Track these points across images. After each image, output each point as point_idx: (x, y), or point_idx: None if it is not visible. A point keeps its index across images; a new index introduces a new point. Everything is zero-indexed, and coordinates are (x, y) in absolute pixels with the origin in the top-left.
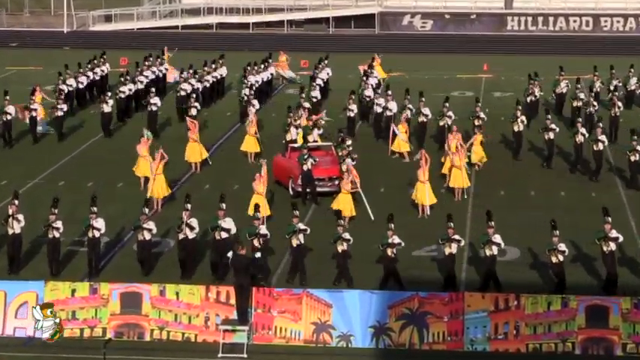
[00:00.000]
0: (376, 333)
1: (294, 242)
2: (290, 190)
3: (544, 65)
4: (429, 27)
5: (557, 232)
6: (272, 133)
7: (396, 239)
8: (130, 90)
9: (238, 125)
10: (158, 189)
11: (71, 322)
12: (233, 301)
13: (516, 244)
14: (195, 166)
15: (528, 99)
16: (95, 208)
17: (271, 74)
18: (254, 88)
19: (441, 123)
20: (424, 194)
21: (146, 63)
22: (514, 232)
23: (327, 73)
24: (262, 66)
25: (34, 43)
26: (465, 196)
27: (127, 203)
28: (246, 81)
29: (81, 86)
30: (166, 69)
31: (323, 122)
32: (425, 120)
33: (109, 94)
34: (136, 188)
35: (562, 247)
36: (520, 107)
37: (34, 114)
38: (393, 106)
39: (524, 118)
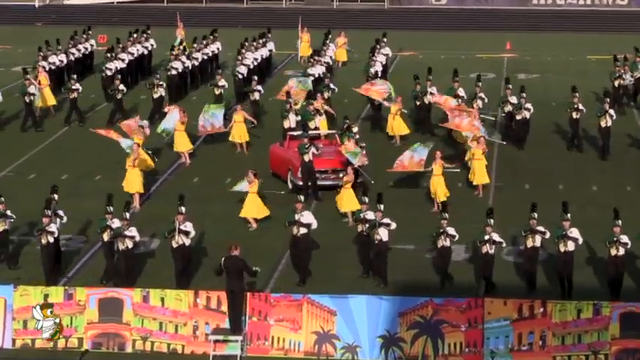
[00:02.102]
0: (385, 344)
1: (376, 238)
2: (289, 183)
3: (574, 44)
4: (445, 1)
5: (620, 221)
6: (268, 120)
7: (496, 237)
8: (117, 68)
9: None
10: (131, 182)
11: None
12: (225, 307)
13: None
14: (184, 156)
15: (616, 83)
16: (111, 208)
17: (270, 50)
18: (252, 66)
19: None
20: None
21: (130, 39)
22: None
23: (332, 49)
24: (261, 41)
25: (2, 20)
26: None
27: (104, 198)
28: (239, 57)
29: (60, 65)
30: (152, 45)
31: (326, 107)
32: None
33: (158, 75)
34: (117, 182)
35: (624, 238)
36: (608, 100)
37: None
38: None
39: (612, 112)
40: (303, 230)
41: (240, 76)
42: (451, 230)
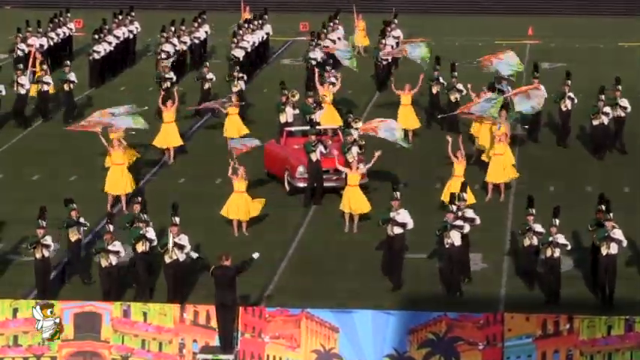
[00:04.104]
0: None
1: (447, 242)
2: (286, 185)
3: (604, 29)
4: None
5: None
6: (263, 114)
7: (561, 239)
8: (105, 50)
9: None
10: (116, 183)
11: (12, 349)
12: (214, 323)
13: (568, 252)
14: (169, 154)
15: None
16: (146, 216)
17: (267, 33)
18: (249, 49)
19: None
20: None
21: (115, 20)
22: (565, 237)
23: (339, 37)
24: (257, 23)
25: None
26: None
27: (83, 201)
28: (235, 40)
29: (41, 49)
30: (137, 28)
31: (327, 98)
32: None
33: (236, 73)
34: (94, 183)
35: None
36: None
37: (45, 87)
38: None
39: None
40: (398, 230)
41: (236, 60)
42: (538, 227)
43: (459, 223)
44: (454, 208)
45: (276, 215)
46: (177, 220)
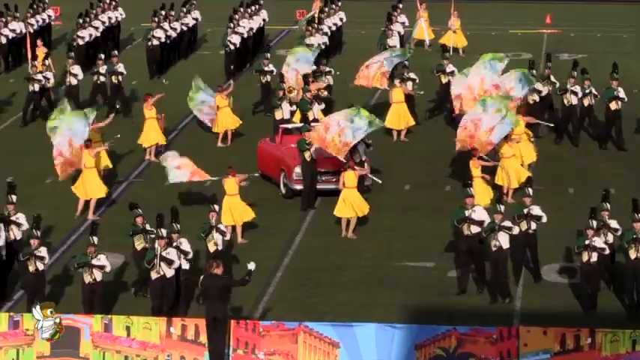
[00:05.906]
0: None
1: (494, 244)
2: (281, 187)
3: (628, 17)
4: None
5: None
6: (257, 110)
7: (598, 242)
8: (91, 36)
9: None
10: (87, 187)
11: None
12: (204, 338)
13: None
14: (150, 152)
15: None
16: (223, 226)
17: (264, 20)
18: (246, 36)
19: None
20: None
21: (100, 5)
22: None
23: (341, 19)
24: (253, 8)
25: None
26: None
27: (62, 204)
28: (231, 25)
29: (20, 35)
30: (121, 14)
31: (325, 93)
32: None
33: (323, 67)
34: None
35: None
36: None
37: (47, 84)
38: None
39: None
40: (475, 229)
41: (232, 47)
42: (613, 223)
43: (507, 224)
44: (502, 208)
45: (271, 220)
46: (163, 232)
